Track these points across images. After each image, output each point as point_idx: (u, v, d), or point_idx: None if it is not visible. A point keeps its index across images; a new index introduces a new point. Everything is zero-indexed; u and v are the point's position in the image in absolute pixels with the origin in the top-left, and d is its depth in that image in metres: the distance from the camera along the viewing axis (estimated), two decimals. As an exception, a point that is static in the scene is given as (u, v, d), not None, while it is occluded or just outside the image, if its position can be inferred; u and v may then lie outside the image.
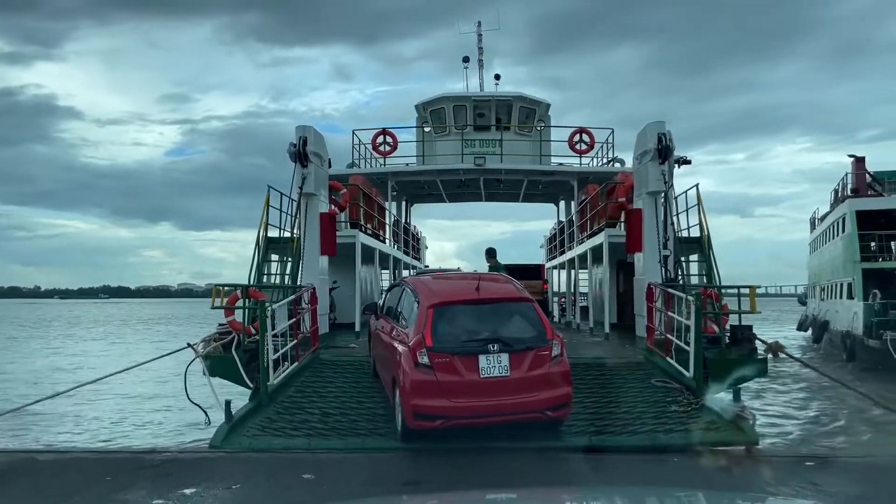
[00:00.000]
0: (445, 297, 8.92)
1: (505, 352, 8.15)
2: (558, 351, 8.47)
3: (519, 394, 8.11)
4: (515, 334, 8.48)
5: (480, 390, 8.03)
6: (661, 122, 13.06)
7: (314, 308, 12.74)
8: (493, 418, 8.14)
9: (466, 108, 23.74)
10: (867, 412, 11.96)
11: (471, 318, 8.67)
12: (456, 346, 8.24)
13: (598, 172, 22.08)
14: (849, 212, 26.61)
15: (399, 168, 22.99)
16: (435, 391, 8.00)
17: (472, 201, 28.47)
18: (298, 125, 13.46)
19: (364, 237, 17.93)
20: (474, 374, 8.05)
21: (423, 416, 8.08)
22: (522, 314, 8.79)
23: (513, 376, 8.11)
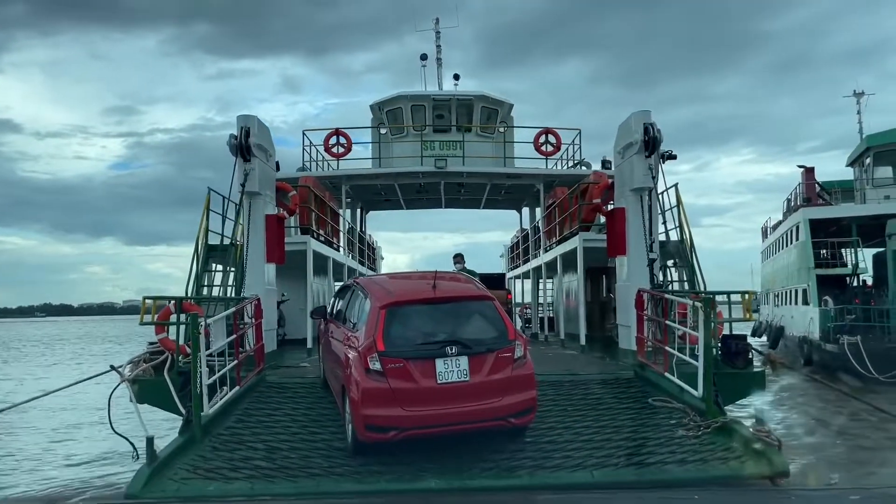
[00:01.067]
0: (399, 296, 8.15)
1: (464, 354, 7.49)
2: (521, 352, 7.83)
3: (480, 400, 7.44)
4: (475, 335, 7.80)
5: (438, 397, 7.36)
6: (647, 112, 11.85)
7: (259, 322, 11.08)
8: (452, 427, 7.45)
9: (425, 108, 22.33)
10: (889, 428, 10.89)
11: (427, 318, 7.96)
12: (410, 349, 7.56)
13: (565, 175, 20.88)
14: (802, 220, 27.21)
15: (354, 171, 21.40)
16: (388, 400, 7.31)
17: (431, 208, 27.05)
18: (240, 115, 11.85)
19: (316, 244, 16.31)
20: (431, 379, 7.38)
21: (375, 427, 7.37)
22: (482, 314, 8.08)
23: (473, 381, 7.44)
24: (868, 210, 26.08)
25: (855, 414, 13.74)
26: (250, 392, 10.14)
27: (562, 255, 17.96)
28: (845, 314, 22.51)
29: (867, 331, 21.20)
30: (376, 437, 7.43)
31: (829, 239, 26.94)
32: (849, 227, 25.99)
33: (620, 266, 12.72)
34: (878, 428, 12.08)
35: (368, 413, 7.36)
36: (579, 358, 14.51)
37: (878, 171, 27.41)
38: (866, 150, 27.46)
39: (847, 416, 13.69)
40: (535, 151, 21.77)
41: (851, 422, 13.23)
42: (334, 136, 21.48)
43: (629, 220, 12.22)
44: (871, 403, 11.16)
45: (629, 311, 12.03)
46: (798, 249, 28.03)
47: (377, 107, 23.11)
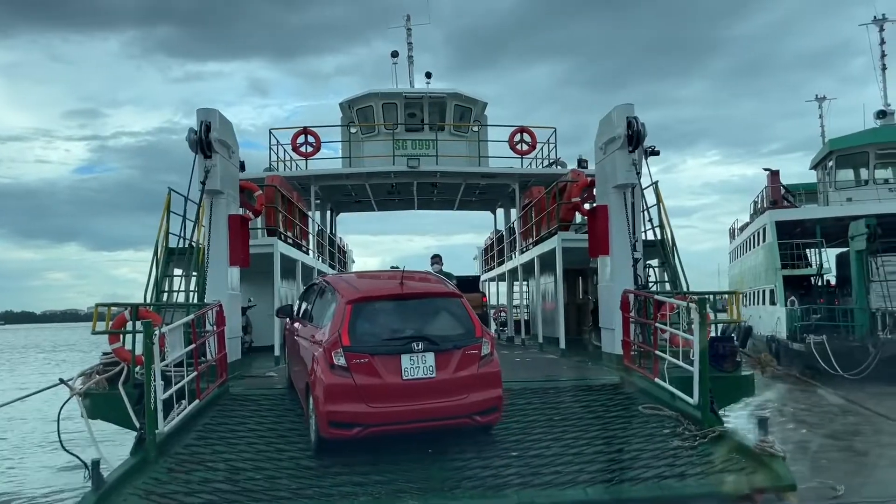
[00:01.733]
0: (365, 292, 8.12)
1: (430, 351, 7.40)
2: (488, 350, 7.78)
3: (445, 397, 7.37)
4: (442, 332, 7.71)
5: (403, 393, 7.29)
6: (630, 105, 11.34)
7: (221, 330, 10.32)
8: (418, 424, 7.37)
9: (397, 107, 21.70)
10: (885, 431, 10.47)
11: (393, 314, 7.90)
12: (376, 345, 7.45)
13: (541, 175, 20.36)
14: (769, 222, 28.01)
15: (323, 171, 20.66)
16: (352, 396, 7.20)
17: (403, 209, 26.40)
18: (200, 108, 11.07)
19: (284, 246, 15.56)
20: (396, 375, 7.30)
21: (338, 424, 7.24)
22: (450, 311, 8.02)
23: (439, 378, 7.37)
24: (831, 212, 26.76)
25: (848, 417, 13.39)
26: (211, 406, 9.38)
27: (539, 256, 17.43)
28: (811, 314, 23.17)
29: (832, 330, 21.68)
30: (340, 434, 7.26)
31: (795, 240, 27.70)
32: (813, 229, 26.52)
33: (603, 266, 12.20)
34: (879, 431, 11.71)
35: (332, 409, 7.22)
36: (560, 362, 13.96)
37: (839, 174, 28.13)
38: (829, 154, 28.04)
39: (840, 418, 13.35)
40: (509, 151, 21.29)
41: (845, 425, 12.87)
42: (302, 136, 20.74)
43: (612, 219, 11.71)
44: (861, 404, 10.73)
45: (613, 314, 11.51)
46: (765, 251, 28.74)
47: (347, 105, 22.41)
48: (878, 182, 27.19)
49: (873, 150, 27.01)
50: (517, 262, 20.75)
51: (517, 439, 8.03)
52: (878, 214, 22.99)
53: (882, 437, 11.46)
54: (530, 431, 8.28)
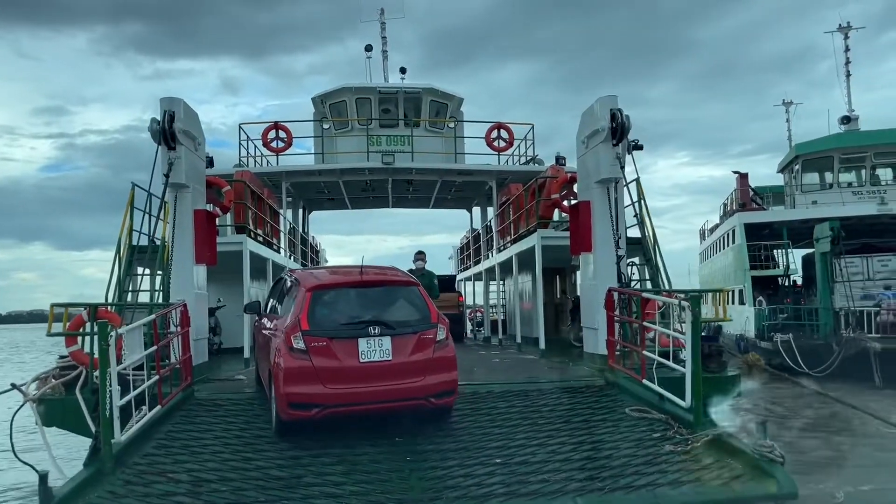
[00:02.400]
0: (325, 281, 8.62)
1: (387, 335, 7.72)
2: (444, 335, 8.06)
3: (401, 379, 7.66)
4: (398, 318, 8.03)
5: (360, 375, 7.58)
6: (614, 97, 10.98)
7: (186, 331, 9.74)
8: (374, 405, 7.66)
9: (371, 102, 21.16)
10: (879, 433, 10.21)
11: (352, 301, 8.26)
12: (334, 329, 7.76)
13: (519, 172, 19.98)
14: (738, 224, 28.75)
15: (295, 167, 20.06)
16: (311, 377, 7.49)
17: (378, 207, 25.86)
18: (163, 97, 10.48)
19: (254, 244, 14.98)
20: (354, 358, 7.60)
21: (297, 405, 7.55)
22: (407, 298, 8.37)
23: (395, 361, 7.68)
24: (798, 215, 27.53)
25: (836, 416, 13.19)
26: (175, 412, 8.81)
27: (517, 255, 17.05)
28: (778, 313, 23.89)
29: (798, 329, 22.25)
30: (299, 415, 7.54)
31: (763, 242, 28.46)
32: (780, 230, 27.16)
33: (585, 264, 11.82)
34: (874, 434, 11.49)
35: (291, 391, 7.48)
36: (540, 363, 13.58)
37: (805, 178, 29.03)
38: (795, 158, 28.87)
39: (829, 418, 13.14)
40: (486, 148, 20.87)
41: (834, 425, 12.65)
42: (273, 130, 20.09)
43: (595, 215, 11.34)
44: (851, 404, 10.48)
45: (596, 313, 11.14)
46: (734, 252, 29.48)
47: (319, 100, 21.83)
48: (842, 185, 28.04)
49: (837, 155, 27.82)
50: (494, 260, 20.35)
51: (500, 445, 7.60)
52: (842, 217, 23.59)
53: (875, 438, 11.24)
54: (513, 437, 7.86)
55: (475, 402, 9.30)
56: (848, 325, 20.71)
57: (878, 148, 26.82)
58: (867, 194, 26.52)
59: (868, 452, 11.27)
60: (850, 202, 26.57)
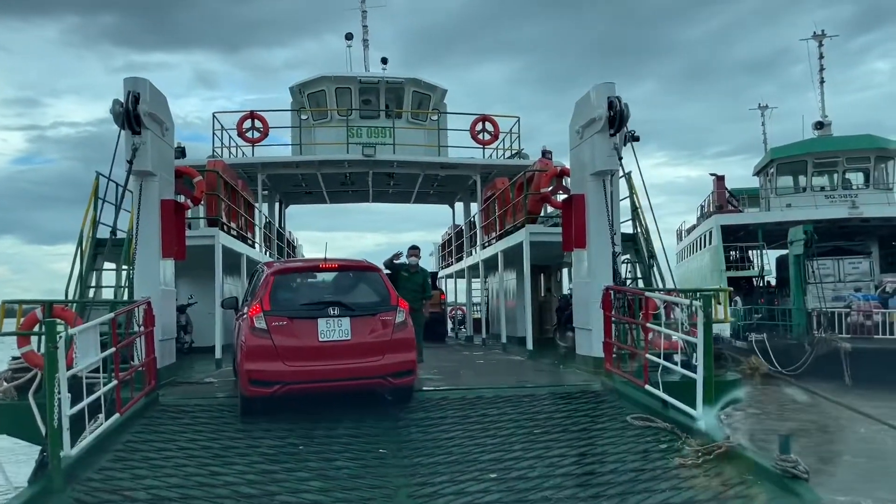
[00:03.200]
0: (289, 266, 9.28)
1: (346, 316, 8.03)
2: (403, 318, 8.33)
3: (360, 358, 7.96)
4: (358, 300, 8.42)
5: (319, 354, 7.90)
6: (611, 84, 10.36)
7: (150, 330, 8.95)
8: (333, 383, 7.96)
9: (351, 92, 20.42)
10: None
11: (314, 284, 8.80)
12: (295, 310, 8.13)
13: (504, 166, 19.35)
14: (715, 226, 29.43)
15: (271, 159, 19.24)
16: (271, 355, 7.80)
17: (357, 202, 25.12)
18: (127, 77, 9.66)
19: (226, 238, 14.18)
20: (313, 337, 7.92)
21: (258, 381, 7.86)
22: (368, 281, 8.72)
23: (354, 341, 7.98)
24: (773, 217, 28.15)
25: (841, 420, 12.71)
26: (136, 420, 8.04)
27: (503, 251, 16.42)
28: (753, 314, 24.68)
29: (772, 329, 22.86)
30: (261, 392, 7.84)
31: (738, 244, 29.42)
32: (756, 232, 27.68)
33: (579, 261, 11.20)
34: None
35: (252, 368, 7.80)
36: (528, 365, 12.96)
37: (780, 181, 29.93)
38: (770, 162, 29.74)
39: (837, 424, 12.65)
40: (470, 141, 20.26)
41: (845, 432, 12.16)
42: (249, 120, 19.27)
43: (590, 209, 10.72)
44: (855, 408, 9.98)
45: (590, 312, 10.54)
46: (711, 253, 30.15)
47: (298, 90, 21.03)
48: (815, 189, 28.96)
49: (811, 160, 28.66)
50: (478, 257, 19.72)
51: (494, 457, 6.93)
52: (815, 220, 24.15)
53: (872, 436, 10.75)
54: (509, 448, 7.19)
55: (464, 409, 8.64)
56: (820, 326, 20.96)
57: (850, 153, 27.62)
58: (839, 198, 27.29)
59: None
60: (822, 205, 27.43)
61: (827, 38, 31.63)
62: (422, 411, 8.53)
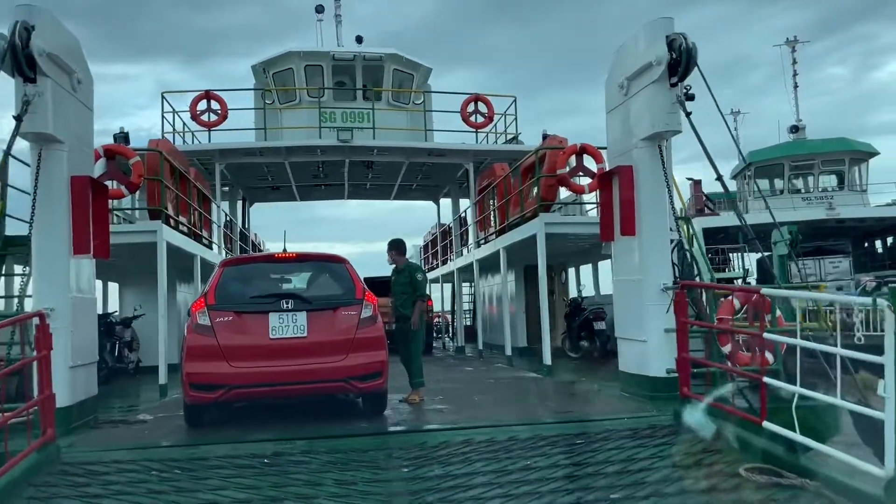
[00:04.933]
0: (243, 257, 9.13)
1: (301, 310, 7.14)
2: (370, 312, 7.40)
3: (318, 358, 7.02)
4: (317, 292, 7.55)
5: (270, 353, 6.99)
6: (669, 20, 7.95)
7: (44, 355, 6.23)
8: (286, 387, 7.09)
9: (323, 70, 17.82)
10: None
11: (268, 275, 7.77)
12: (242, 303, 7.21)
13: (502, 151, 16.88)
14: (697, 229, 28.93)
15: (231, 145, 16.53)
16: (214, 356, 6.89)
17: (331, 198, 22.44)
18: (20, 4, 6.97)
19: (172, 234, 11.51)
20: (263, 335, 7.04)
21: (200, 385, 6.97)
22: (330, 272, 7.83)
23: (311, 338, 7.08)
24: (751, 219, 27.88)
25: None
26: (18, 488, 5.36)
27: (506, 248, 13.94)
28: None
29: None
30: (202, 398, 7.04)
31: (720, 245, 29.09)
32: (735, 234, 27.10)
33: (625, 253, 8.72)
34: None
35: (192, 370, 7.00)
36: (553, 386, 10.49)
37: (757, 184, 30.37)
38: (748, 166, 29.99)
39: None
40: (458, 126, 17.78)
41: None
42: (204, 101, 16.54)
43: (642, 184, 8.26)
44: None
45: (644, 318, 8.09)
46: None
47: (261, 68, 18.36)
48: (792, 192, 29.42)
49: (787, 163, 29.14)
50: (472, 257, 17.22)
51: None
52: (793, 222, 23.39)
53: None
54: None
55: (497, 457, 6.08)
56: None
57: (825, 156, 28.06)
58: (815, 200, 27.62)
59: None
60: (800, 207, 27.49)
61: (799, 44, 32.04)
62: (438, 464, 5.97)
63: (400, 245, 9.32)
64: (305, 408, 8.10)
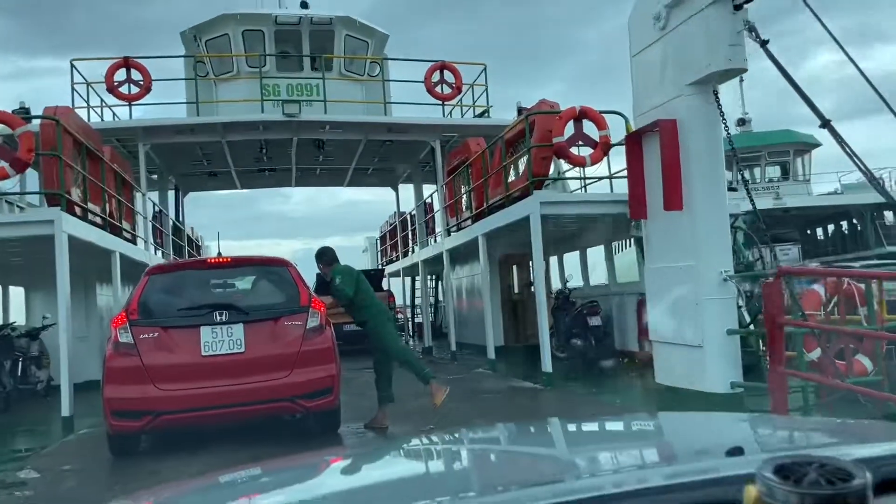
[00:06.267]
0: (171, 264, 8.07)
1: (238, 322, 6.30)
2: (317, 321, 6.54)
3: (259, 375, 6.22)
4: (255, 301, 6.80)
5: (203, 373, 6.17)
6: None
7: None
8: (223, 410, 6.18)
9: (264, 36, 15.45)
10: None
11: (200, 284, 6.93)
12: (170, 317, 6.43)
13: (474, 126, 14.83)
14: None
15: (156, 122, 14.06)
16: (138, 378, 6.07)
17: (276, 186, 20.07)
18: None
19: (78, 225, 9.14)
20: (194, 352, 6.22)
21: (122, 412, 6.13)
22: (269, 278, 7.06)
23: (250, 354, 6.27)
24: None
25: None
26: None
27: (487, 235, 11.97)
28: None
29: None
30: (127, 427, 6.21)
31: None
32: None
33: (666, 233, 6.81)
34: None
35: (113, 396, 6.14)
36: (566, 405, 8.54)
37: None
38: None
39: None
40: (420, 99, 15.65)
41: None
42: (123, 69, 14.00)
43: (690, 143, 6.35)
44: None
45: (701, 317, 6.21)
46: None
47: (192, 35, 15.84)
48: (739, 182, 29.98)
49: (736, 155, 29.43)
50: (441, 247, 15.21)
51: None
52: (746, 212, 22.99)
53: None
54: None
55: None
56: None
57: (771, 148, 28.20)
58: (763, 190, 27.50)
59: None
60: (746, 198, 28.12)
61: None
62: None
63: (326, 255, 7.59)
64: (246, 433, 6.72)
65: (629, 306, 12.04)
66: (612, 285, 13.23)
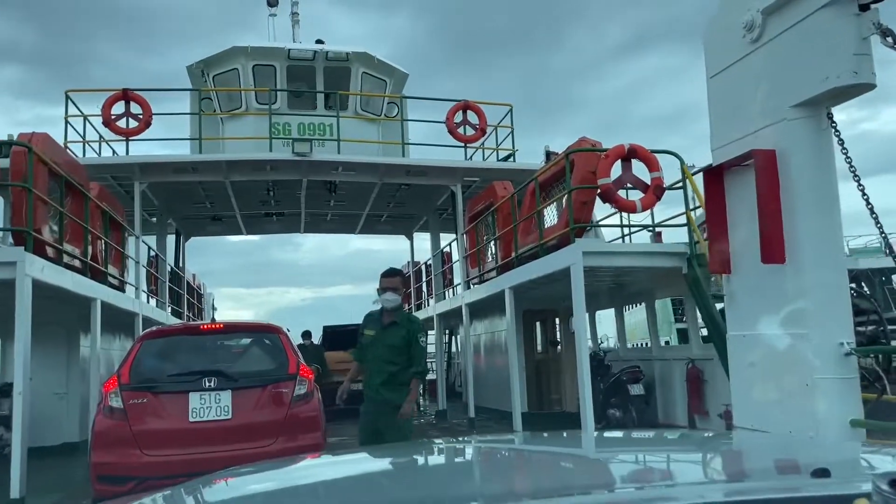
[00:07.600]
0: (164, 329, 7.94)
1: (226, 388, 6.32)
2: (305, 389, 6.54)
3: (246, 442, 6.18)
4: (244, 368, 6.77)
5: (189, 439, 6.19)
6: None
7: None
8: None
9: (276, 71, 14.49)
10: None
11: (192, 350, 6.94)
12: (159, 382, 6.41)
13: (500, 170, 13.65)
14: None
15: (154, 158, 12.94)
16: (126, 443, 6.09)
17: (284, 232, 18.88)
18: None
19: (47, 268, 7.88)
20: (182, 418, 6.24)
21: (108, 477, 6.10)
22: (260, 345, 7.12)
23: (236, 420, 6.28)
24: None
25: None
26: None
27: (515, 288, 10.65)
28: None
29: None
30: (112, 491, 5.99)
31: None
32: None
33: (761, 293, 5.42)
34: None
35: (100, 461, 6.17)
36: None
37: None
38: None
39: None
40: (440, 140, 14.55)
41: None
42: (122, 103, 12.95)
43: (795, 180, 5.04)
44: None
45: (812, 402, 4.80)
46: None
47: (199, 70, 14.90)
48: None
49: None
50: (460, 300, 13.86)
51: None
52: None
53: None
54: None
55: None
56: None
57: None
58: None
59: None
60: None
61: None
62: None
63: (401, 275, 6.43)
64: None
65: (676, 374, 10.62)
66: (654, 348, 11.79)
